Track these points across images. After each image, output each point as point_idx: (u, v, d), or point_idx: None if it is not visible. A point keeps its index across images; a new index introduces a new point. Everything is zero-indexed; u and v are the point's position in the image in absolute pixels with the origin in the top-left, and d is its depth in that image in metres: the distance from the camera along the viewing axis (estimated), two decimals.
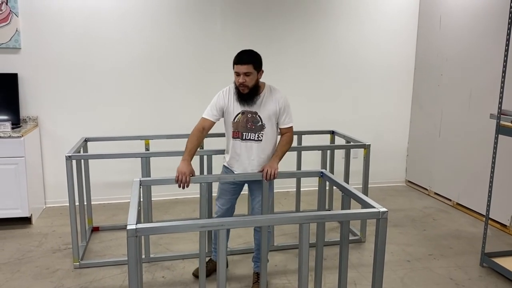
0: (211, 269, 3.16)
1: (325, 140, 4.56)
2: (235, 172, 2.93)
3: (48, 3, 4.29)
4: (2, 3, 4.14)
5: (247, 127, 2.83)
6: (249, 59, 2.71)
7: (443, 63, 4.84)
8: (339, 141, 4.35)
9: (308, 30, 4.97)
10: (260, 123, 2.83)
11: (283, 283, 3.08)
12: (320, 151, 3.73)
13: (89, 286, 3.02)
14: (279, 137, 2.97)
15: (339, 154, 4.71)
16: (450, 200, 4.78)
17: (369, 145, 3.72)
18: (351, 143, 3.92)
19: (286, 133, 2.91)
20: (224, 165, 3.03)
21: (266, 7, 4.81)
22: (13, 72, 4.26)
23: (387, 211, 2.15)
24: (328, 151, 4.13)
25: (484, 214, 4.11)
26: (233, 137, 2.88)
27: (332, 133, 4.39)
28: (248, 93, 2.78)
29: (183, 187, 2.70)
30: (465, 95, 4.52)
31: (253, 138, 2.84)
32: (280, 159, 2.85)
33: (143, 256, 3.32)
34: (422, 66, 5.21)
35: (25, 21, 4.25)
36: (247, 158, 2.87)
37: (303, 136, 4.34)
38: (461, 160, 4.59)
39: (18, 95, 4.26)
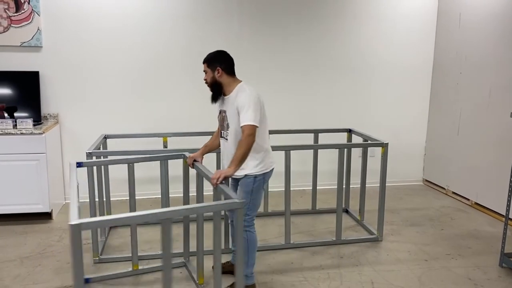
0: (227, 270, 3.13)
1: (342, 138, 4.55)
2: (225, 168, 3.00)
3: (69, 3, 4.36)
4: (24, 2, 4.22)
5: (223, 125, 2.92)
6: (204, 59, 2.88)
7: (462, 62, 4.79)
8: (356, 139, 4.34)
9: (325, 30, 4.96)
10: (227, 121, 2.87)
11: (299, 280, 3.10)
12: (337, 150, 3.73)
13: (109, 280, 3.08)
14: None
15: (356, 153, 4.70)
16: (468, 199, 4.73)
17: (387, 143, 3.69)
18: (369, 142, 3.91)
19: (242, 133, 2.68)
20: None
21: (282, 9, 4.81)
22: (34, 70, 4.34)
23: None
24: (345, 150, 4.12)
25: (503, 213, 4.07)
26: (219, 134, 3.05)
27: (349, 131, 4.38)
28: (212, 91, 2.90)
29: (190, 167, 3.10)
30: (485, 94, 4.46)
31: (225, 136, 2.92)
32: (236, 165, 2.68)
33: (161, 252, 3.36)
34: (441, 64, 5.16)
35: (46, 20, 4.34)
36: (225, 154, 2.96)
37: (319, 134, 4.33)
38: (480, 159, 4.54)
39: (40, 93, 4.34)
